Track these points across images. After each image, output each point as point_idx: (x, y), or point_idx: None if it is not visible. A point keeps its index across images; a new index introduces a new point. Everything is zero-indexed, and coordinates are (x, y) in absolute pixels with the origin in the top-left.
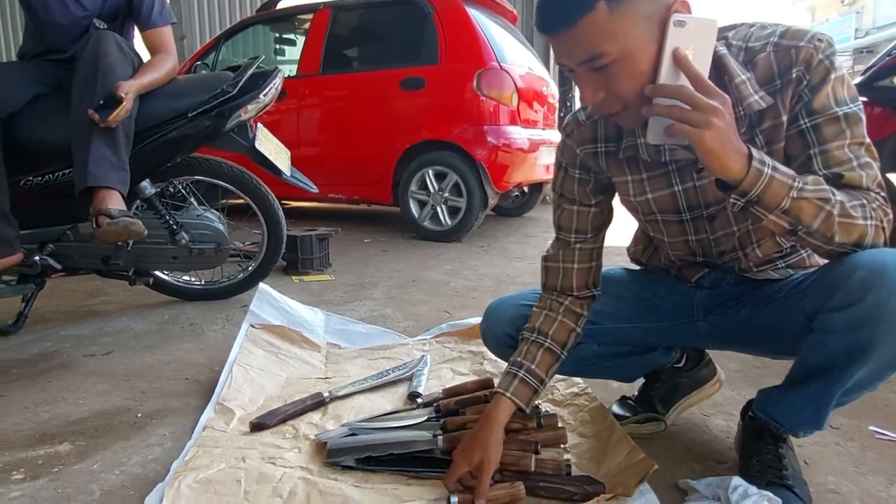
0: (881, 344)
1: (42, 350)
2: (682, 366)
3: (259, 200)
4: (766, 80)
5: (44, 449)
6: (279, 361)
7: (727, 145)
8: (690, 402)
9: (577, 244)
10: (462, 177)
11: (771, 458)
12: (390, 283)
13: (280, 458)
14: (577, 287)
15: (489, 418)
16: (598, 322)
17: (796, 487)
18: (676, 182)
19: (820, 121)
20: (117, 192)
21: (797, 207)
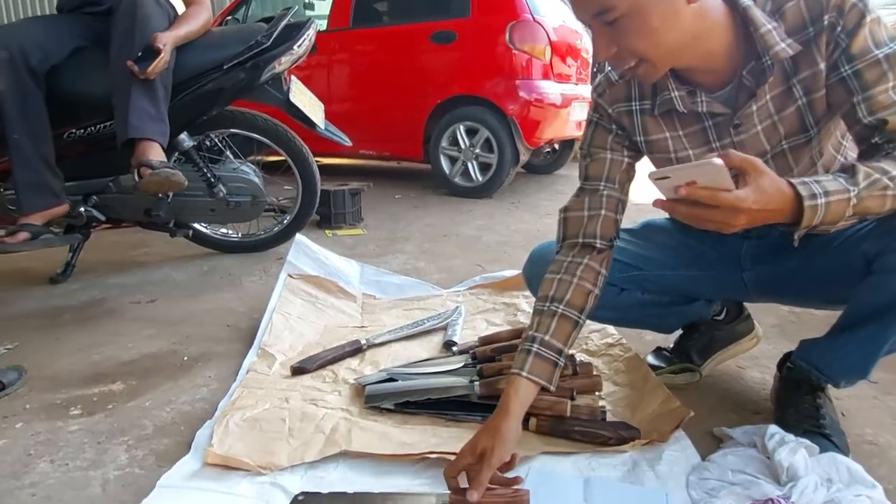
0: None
1: (90, 297)
2: (721, 318)
3: (293, 154)
4: (796, 29)
5: (98, 387)
6: (317, 310)
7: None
8: (727, 355)
9: (605, 191)
10: (493, 132)
11: (808, 407)
12: (422, 238)
13: (321, 400)
14: (601, 235)
15: (501, 405)
16: (644, 268)
17: (834, 436)
18: (714, 139)
19: (860, 66)
20: (157, 144)
21: (860, 210)
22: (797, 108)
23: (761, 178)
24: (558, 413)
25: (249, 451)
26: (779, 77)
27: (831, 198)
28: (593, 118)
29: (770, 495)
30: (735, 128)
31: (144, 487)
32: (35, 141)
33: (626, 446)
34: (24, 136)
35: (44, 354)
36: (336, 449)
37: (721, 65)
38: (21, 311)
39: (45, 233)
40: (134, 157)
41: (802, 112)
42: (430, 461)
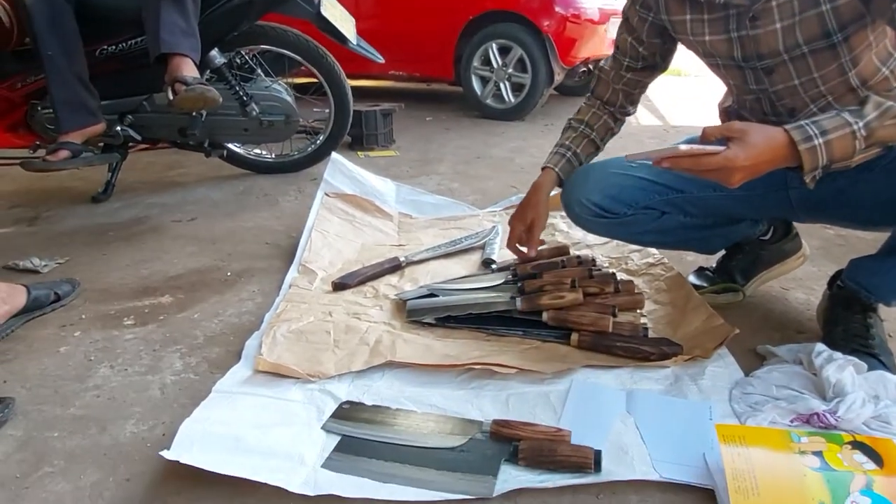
0: None
1: (132, 216)
2: (767, 238)
3: (326, 71)
4: None
5: (148, 300)
6: (354, 229)
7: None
8: (772, 274)
9: (627, 72)
10: (527, 51)
11: (857, 326)
12: (455, 160)
13: (364, 314)
14: (620, 105)
15: (537, 186)
16: (685, 190)
17: (882, 356)
18: (733, 28)
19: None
20: (190, 60)
21: (877, 141)
22: (819, 13)
23: (747, 135)
24: (601, 329)
25: (298, 360)
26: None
27: (831, 136)
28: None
29: (816, 410)
30: (752, 20)
31: (200, 391)
32: (68, 58)
33: (667, 362)
34: (57, 52)
35: (93, 269)
36: (381, 359)
37: None
38: (68, 228)
39: (84, 151)
40: (167, 74)
41: (826, 17)
42: (473, 372)
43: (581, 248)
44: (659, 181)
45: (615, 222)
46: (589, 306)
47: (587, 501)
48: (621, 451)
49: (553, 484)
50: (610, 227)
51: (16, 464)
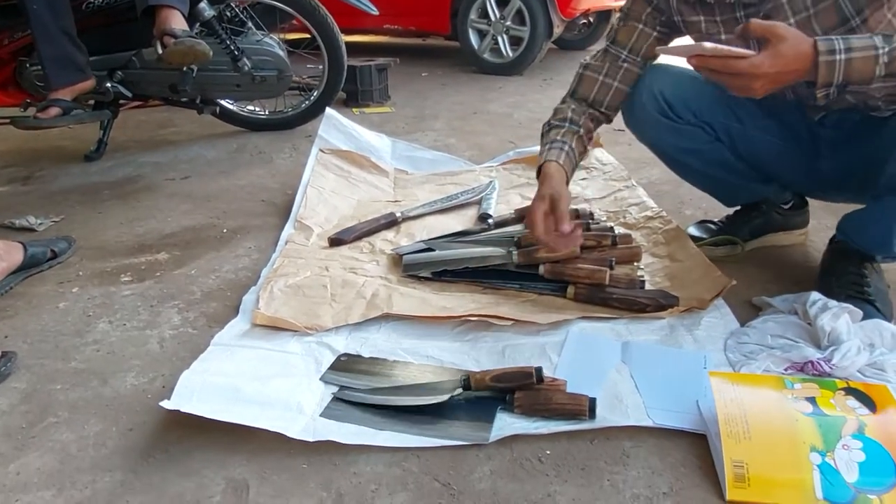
0: None
1: (126, 174)
2: (787, 207)
3: (318, 24)
4: None
5: (144, 257)
6: (350, 185)
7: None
8: (775, 240)
9: (625, 63)
10: (526, 3)
11: (852, 275)
12: (451, 115)
13: (360, 269)
14: (606, 105)
15: (545, 176)
16: (745, 122)
17: (878, 302)
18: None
19: None
20: (178, 12)
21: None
22: (834, 4)
23: (781, 43)
24: (597, 281)
25: (295, 313)
26: None
27: (854, 54)
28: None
29: (810, 358)
30: (765, 18)
31: (199, 345)
32: (54, 12)
33: (664, 313)
34: (42, 6)
35: (89, 227)
36: (378, 312)
37: None
38: (61, 186)
39: (75, 108)
40: (155, 27)
41: (842, 3)
42: (469, 324)
43: (579, 203)
44: (730, 104)
45: (672, 126)
46: (586, 259)
47: (581, 447)
48: (616, 399)
49: (548, 430)
50: (665, 129)
51: (21, 415)
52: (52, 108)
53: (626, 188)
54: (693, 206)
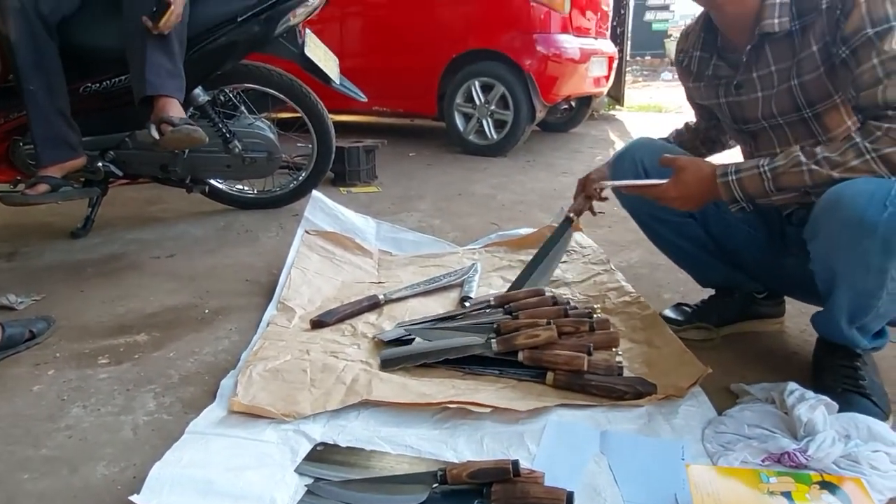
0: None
1: (111, 252)
2: (762, 297)
3: (309, 109)
4: (805, 10)
5: (123, 338)
6: (334, 266)
7: (694, 198)
8: (749, 327)
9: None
10: (509, 89)
11: (846, 368)
12: (437, 196)
13: (341, 353)
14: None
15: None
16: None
17: (874, 396)
18: (721, 94)
19: (855, 45)
20: (176, 100)
21: (782, 184)
22: (789, 88)
23: (681, 172)
24: (576, 367)
25: (273, 399)
26: (785, 52)
27: (742, 174)
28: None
29: (786, 449)
30: (737, 88)
31: (173, 432)
32: (50, 93)
33: (642, 401)
34: (39, 88)
35: (70, 306)
36: (357, 398)
37: (745, 24)
38: (46, 263)
39: (64, 185)
40: (153, 114)
41: (794, 93)
42: (449, 412)
43: (559, 287)
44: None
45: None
46: (564, 345)
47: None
48: (594, 492)
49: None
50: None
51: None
52: (40, 185)
53: (605, 272)
54: (671, 289)
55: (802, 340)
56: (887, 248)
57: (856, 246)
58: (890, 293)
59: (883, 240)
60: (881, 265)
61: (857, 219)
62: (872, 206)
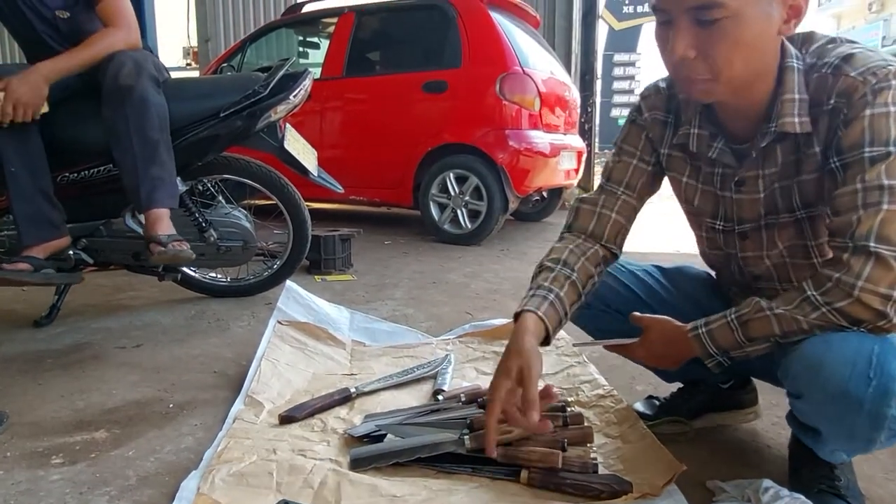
0: (831, 437)
1: (75, 342)
2: (726, 386)
3: (286, 200)
4: (815, 104)
5: (80, 435)
6: (306, 357)
7: (660, 358)
8: (721, 419)
9: (622, 196)
10: (483, 180)
11: (823, 467)
12: (411, 284)
13: (310, 451)
14: (606, 237)
15: (519, 330)
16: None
17: (850, 497)
18: (717, 186)
19: (846, 161)
20: (167, 211)
21: (751, 333)
22: (790, 185)
23: (648, 332)
24: (550, 465)
25: None
26: (791, 149)
27: (712, 326)
28: (632, 117)
29: None
30: (737, 184)
31: None
32: (32, 173)
33: (618, 500)
34: (21, 169)
35: (25, 400)
36: None
37: (755, 113)
38: (3, 354)
39: (46, 267)
40: (145, 231)
41: (792, 191)
42: None
43: None
44: (640, 294)
45: (588, 315)
46: (538, 441)
47: None
48: None
49: None
50: (583, 318)
51: None
52: (21, 263)
53: (577, 364)
54: (643, 381)
55: (776, 433)
56: (875, 422)
57: (842, 419)
58: (885, 440)
59: (870, 415)
60: (869, 436)
61: (841, 393)
62: (855, 379)
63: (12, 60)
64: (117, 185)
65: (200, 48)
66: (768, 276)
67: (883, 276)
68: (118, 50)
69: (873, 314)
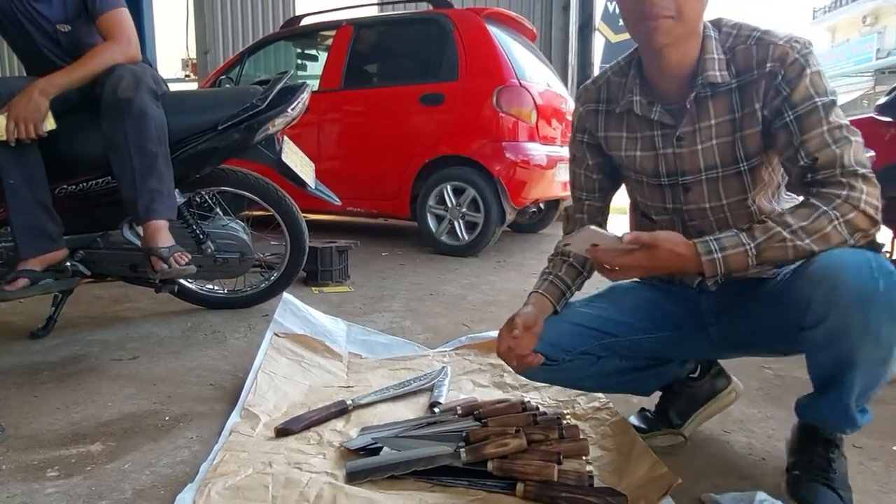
0: (860, 350)
1: (71, 354)
2: (696, 376)
3: (283, 211)
4: (743, 69)
5: (76, 448)
6: (302, 370)
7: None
8: (708, 412)
9: (587, 201)
10: (480, 192)
11: (820, 459)
12: (408, 296)
13: (306, 464)
14: None
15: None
16: (618, 334)
17: (841, 490)
18: (659, 146)
19: (801, 112)
20: (166, 223)
21: (766, 260)
22: (731, 141)
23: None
24: (545, 478)
25: None
26: (724, 107)
27: (727, 252)
28: (574, 127)
29: None
30: (678, 140)
31: None
32: (31, 185)
33: None
34: (19, 181)
35: (21, 412)
36: None
37: (683, 74)
38: (0, 367)
39: (44, 278)
40: (143, 241)
41: (736, 145)
42: None
43: (529, 391)
44: (594, 326)
45: (556, 368)
46: (534, 454)
47: None
48: None
49: None
50: (551, 373)
51: None
52: (19, 280)
53: None
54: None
55: (771, 446)
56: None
57: (867, 320)
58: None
59: (887, 305)
60: (888, 334)
61: (860, 294)
62: (865, 280)
63: (12, 73)
64: (115, 198)
65: (199, 60)
66: (710, 230)
67: (873, 190)
68: (117, 63)
69: (870, 222)
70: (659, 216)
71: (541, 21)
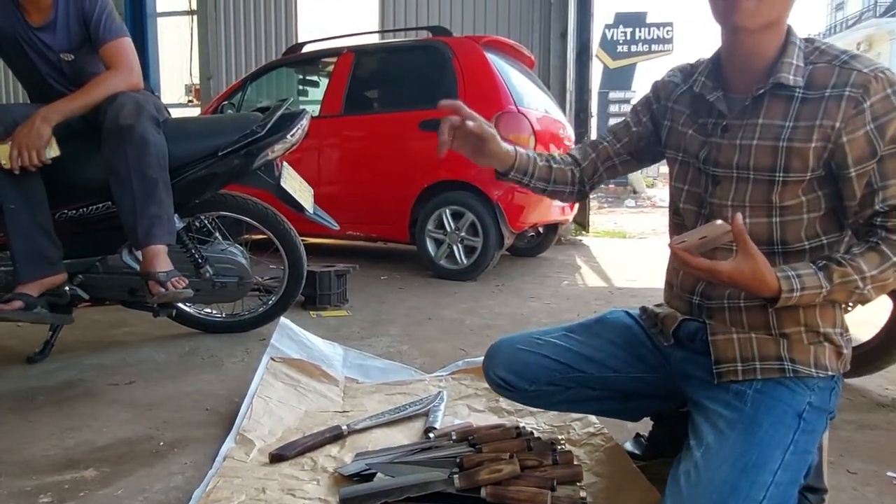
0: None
1: (67, 378)
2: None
3: (281, 236)
4: (816, 86)
5: (70, 474)
6: (298, 395)
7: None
8: None
9: (604, 141)
10: (478, 217)
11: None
12: (406, 321)
13: (299, 490)
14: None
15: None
16: (585, 370)
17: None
18: (708, 132)
19: (885, 154)
20: (164, 247)
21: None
22: (774, 147)
23: (745, 261)
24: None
25: None
26: (780, 111)
27: (805, 292)
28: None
29: None
30: (723, 130)
31: None
32: (32, 210)
33: None
34: (20, 206)
35: (16, 437)
36: None
37: (755, 67)
38: None
39: (38, 305)
40: (142, 266)
41: (778, 153)
42: None
43: (524, 416)
44: (561, 360)
45: (522, 396)
46: (528, 480)
47: None
48: None
49: None
50: (520, 399)
51: None
52: (14, 301)
53: None
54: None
55: None
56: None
57: None
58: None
59: None
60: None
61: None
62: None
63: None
64: (115, 222)
65: (202, 85)
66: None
67: None
68: (120, 91)
69: None
70: (686, 204)
71: (539, 48)
